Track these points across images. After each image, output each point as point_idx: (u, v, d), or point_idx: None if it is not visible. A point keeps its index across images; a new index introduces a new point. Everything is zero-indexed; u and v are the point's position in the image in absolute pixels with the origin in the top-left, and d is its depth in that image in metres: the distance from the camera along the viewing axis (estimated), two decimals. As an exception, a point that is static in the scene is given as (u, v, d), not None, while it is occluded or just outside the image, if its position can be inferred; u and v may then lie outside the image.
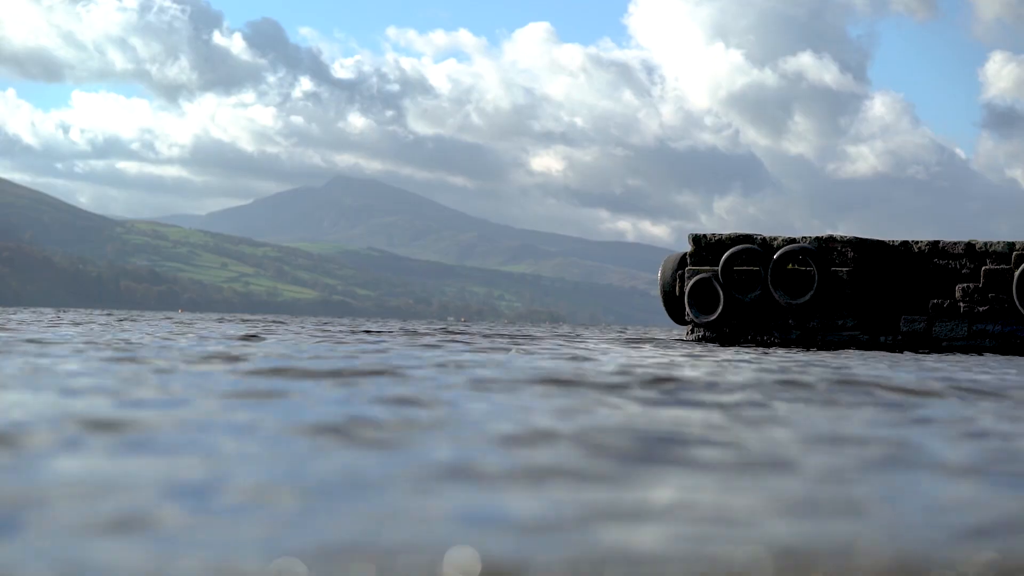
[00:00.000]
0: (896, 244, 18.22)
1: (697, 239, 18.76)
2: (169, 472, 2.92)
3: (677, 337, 21.20)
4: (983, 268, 17.46)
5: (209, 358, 8.69)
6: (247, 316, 54.00)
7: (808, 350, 14.69)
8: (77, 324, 21.65)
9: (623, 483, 3.00)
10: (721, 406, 5.42)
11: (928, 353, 15.17)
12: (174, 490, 2.61)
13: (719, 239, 18.59)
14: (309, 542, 2.07)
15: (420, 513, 2.45)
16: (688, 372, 8.57)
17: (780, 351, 13.86)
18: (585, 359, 10.62)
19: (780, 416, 5.08)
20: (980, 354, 15.43)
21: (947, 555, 2.20)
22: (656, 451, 3.65)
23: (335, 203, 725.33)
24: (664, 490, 2.94)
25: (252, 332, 17.23)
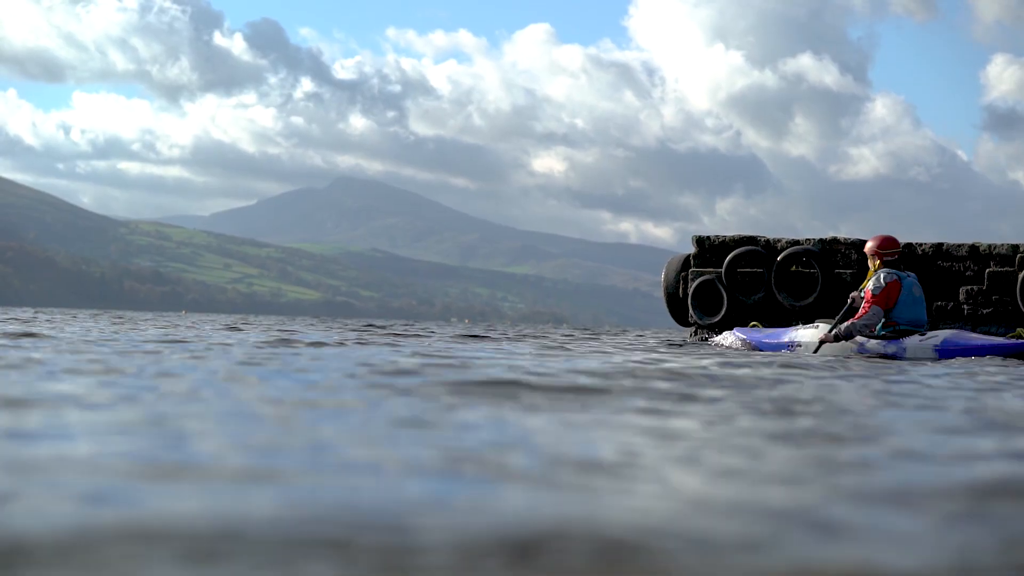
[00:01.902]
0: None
1: (701, 241, 18.75)
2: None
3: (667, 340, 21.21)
4: (987, 270, 17.46)
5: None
6: (283, 319, 53.66)
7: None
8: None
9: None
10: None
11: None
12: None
13: (723, 241, 18.59)
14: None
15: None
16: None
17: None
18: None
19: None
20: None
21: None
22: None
23: (338, 204, 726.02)
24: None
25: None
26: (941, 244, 17.95)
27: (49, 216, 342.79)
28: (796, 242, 18.27)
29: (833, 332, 12.36)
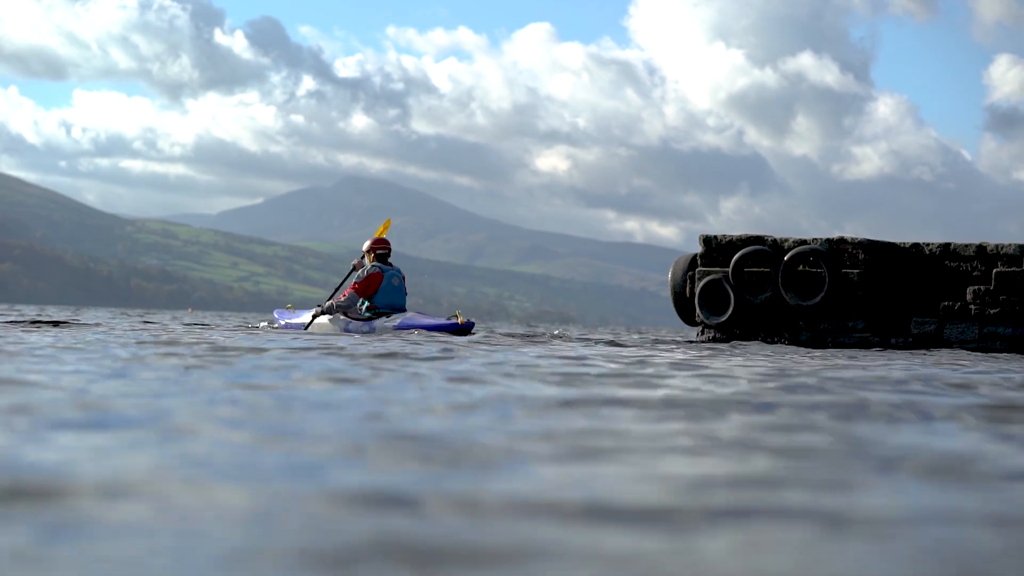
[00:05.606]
0: (907, 246, 18.18)
1: (708, 240, 18.73)
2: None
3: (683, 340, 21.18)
4: (994, 270, 17.42)
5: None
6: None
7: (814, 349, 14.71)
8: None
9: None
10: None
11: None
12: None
13: (730, 240, 18.55)
14: None
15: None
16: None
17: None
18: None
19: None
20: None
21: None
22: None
23: (345, 203, 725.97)
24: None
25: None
26: (948, 244, 17.91)
27: (56, 214, 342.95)
28: (803, 241, 18.23)
29: (321, 308, 15.37)
